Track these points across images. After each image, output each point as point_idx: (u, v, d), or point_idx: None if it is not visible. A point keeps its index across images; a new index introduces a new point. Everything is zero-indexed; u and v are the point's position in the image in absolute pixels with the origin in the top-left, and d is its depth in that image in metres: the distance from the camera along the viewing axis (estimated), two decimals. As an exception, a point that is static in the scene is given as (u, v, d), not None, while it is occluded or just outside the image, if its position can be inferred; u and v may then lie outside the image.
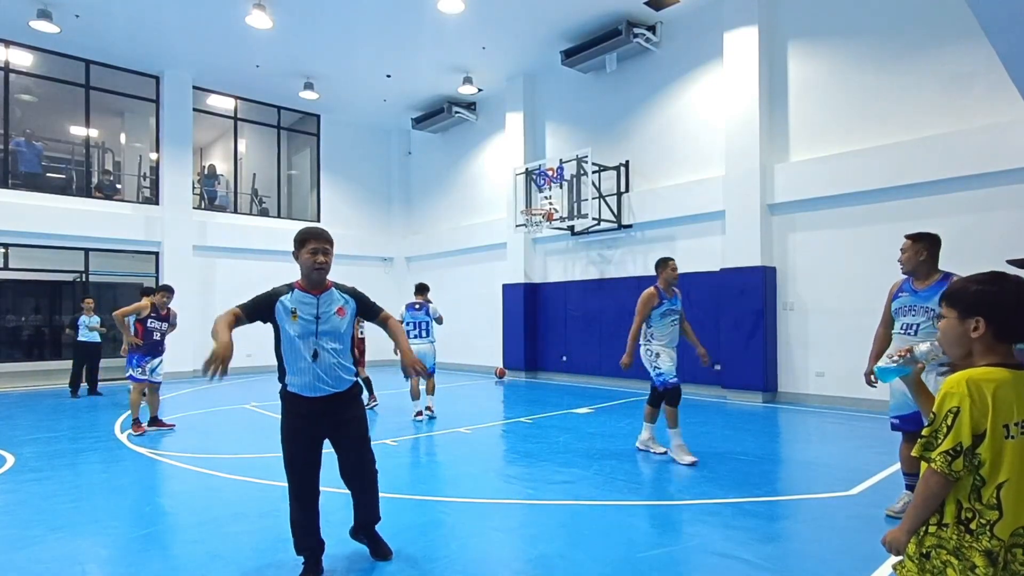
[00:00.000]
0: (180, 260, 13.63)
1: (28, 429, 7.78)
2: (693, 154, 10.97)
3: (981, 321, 1.74)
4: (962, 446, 1.64)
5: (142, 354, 7.50)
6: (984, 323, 1.73)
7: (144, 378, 7.51)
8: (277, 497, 4.84)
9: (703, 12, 10.67)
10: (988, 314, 1.73)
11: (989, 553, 1.64)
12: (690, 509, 4.50)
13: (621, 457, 6.08)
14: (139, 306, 7.55)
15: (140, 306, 7.55)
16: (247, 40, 11.89)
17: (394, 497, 4.73)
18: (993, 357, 1.74)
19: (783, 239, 9.72)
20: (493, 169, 15.09)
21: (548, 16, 11.04)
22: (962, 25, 7.77)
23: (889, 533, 1.81)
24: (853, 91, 9.04)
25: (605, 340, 12.16)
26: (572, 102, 13.10)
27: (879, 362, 2.10)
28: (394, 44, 12.16)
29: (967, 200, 7.95)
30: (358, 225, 17.23)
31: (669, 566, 3.49)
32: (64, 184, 13.70)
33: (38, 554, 3.68)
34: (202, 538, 3.96)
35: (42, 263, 13.05)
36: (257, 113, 15.70)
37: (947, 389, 1.70)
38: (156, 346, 7.65)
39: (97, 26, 11.45)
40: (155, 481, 5.46)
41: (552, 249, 13.49)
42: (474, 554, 3.69)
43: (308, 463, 3.36)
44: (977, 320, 1.74)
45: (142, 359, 7.51)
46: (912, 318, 4.09)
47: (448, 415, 8.87)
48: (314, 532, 3.37)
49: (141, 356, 7.50)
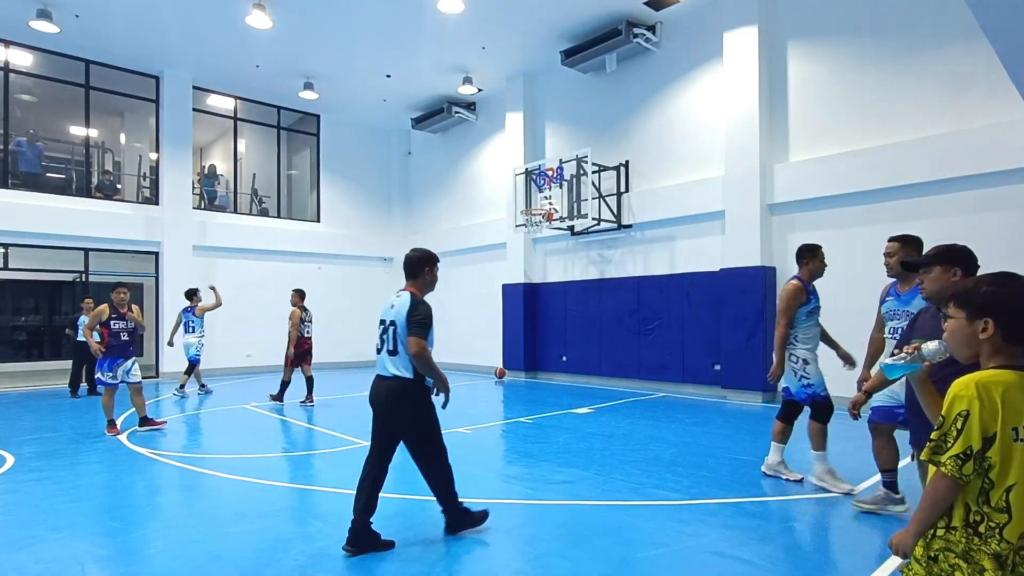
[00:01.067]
0: (180, 260, 13.63)
1: (28, 429, 7.77)
2: (693, 154, 10.97)
3: (990, 322, 1.73)
4: (972, 449, 1.63)
5: (112, 357, 7.31)
6: (993, 324, 1.72)
7: (113, 382, 7.32)
8: (277, 497, 4.84)
9: (703, 12, 10.67)
10: (998, 316, 1.72)
11: (998, 556, 1.63)
12: (690, 509, 4.50)
13: (621, 457, 6.07)
14: (99, 311, 7.36)
15: (100, 311, 7.35)
16: (247, 40, 11.89)
17: (394, 497, 4.74)
18: (1001, 359, 1.73)
19: (783, 239, 9.72)
20: (493, 169, 15.09)
21: (548, 16, 11.04)
22: (962, 25, 7.76)
23: (896, 536, 1.80)
24: (853, 91, 9.04)
25: (605, 340, 12.17)
26: (572, 102, 13.10)
27: (884, 358, 2.07)
28: (394, 44, 12.16)
29: (967, 200, 7.95)
30: (358, 225, 17.23)
31: (669, 566, 3.49)
32: (64, 184, 13.69)
33: (38, 554, 3.68)
34: (202, 538, 3.96)
35: (42, 263, 13.05)
36: (257, 113, 15.70)
37: (956, 392, 1.68)
38: (125, 347, 7.41)
39: (97, 26, 11.44)
40: (155, 481, 5.46)
41: (552, 249, 13.49)
42: (474, 554, 3.69)
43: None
44: (986, 321, 1.73)
45: (113, 363, 7.31)
46: (898, 322, 4.05)
47: (448, 415, 8.86)
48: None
49: (112, 360, 7.31)
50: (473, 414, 8.89)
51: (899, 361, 1.96)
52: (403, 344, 3.67)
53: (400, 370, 3.71)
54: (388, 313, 3.81)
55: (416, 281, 3.89)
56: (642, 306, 11.52)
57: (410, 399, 3.75)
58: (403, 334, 3.67)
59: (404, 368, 3.70)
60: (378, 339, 3.83)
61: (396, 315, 3.73)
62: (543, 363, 13.53)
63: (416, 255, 3.91)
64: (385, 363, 3.78)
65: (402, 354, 3.70)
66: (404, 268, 3.95)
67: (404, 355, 3.69)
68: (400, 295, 3.83)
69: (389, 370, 3.75)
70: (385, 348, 3.77)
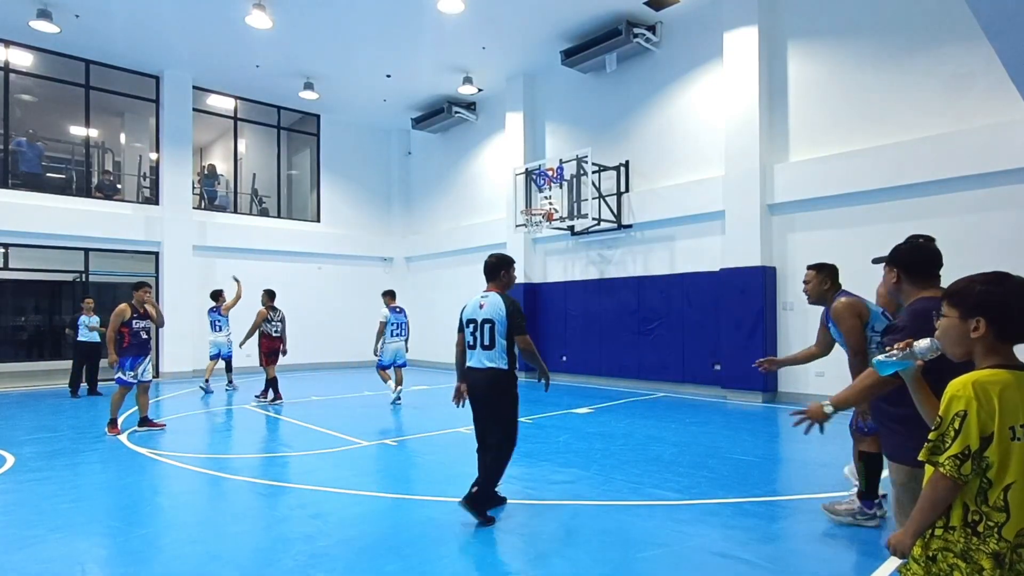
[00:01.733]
0: (180, 260, 13.63)
1: (28, 429, 7.78)
2: (693, 154, 10.97)
3: (982, 322, 1.72)
4: (970, 449, 1.62)
5: (134, 356, 7.35)
6: (985, 324, 1.72)
7: (133, 381, 7.36)
8: (277, 497, 4.84)
9: (703, 12, 10.68)
10: (989, 315, 1.71)
11: (996, 555, 1.63)
12: (690, 509, 4.50)
13: (621, 457, 6.07)
14: (120, 311, 7.34)
15: (121, 311, 7.34)
16: (247, 40, 11.89)
17: (394, 497, 4.74)
18: (996, 358, 1.72)
19: (783, 239, 9.72)
20: (493, 169, 15.09)
21: (548, 16, 11.04)
22: (962, 25, 7.76)
23: (894, 536, 1.80)
24: (853, 91, 9.04)
25: (605, 340, 12.17)
26: (572, 102, 13.10)
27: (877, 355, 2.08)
28: (394, 44, 12.16)
29: (967, 200, 7.95)
30: (358, 225, 17.23)
31: (669, 566, 3.49)
32: (64, 184, 13.69)
33: (38, 554, 3.68)
34: (202, 538, 3.96)
35: (42, 263, 13.05)
36: (257, 113, 15.70)
37: (953, 392, 1.68)
38: (145, 345, 7.49)
39: (97, 26, 11.44)
40: (155, 481, 5.45)
41: (552, 249, 13.49)
42: (474, 554, 3.69)
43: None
44: (978, 321, 1.73)
45: (135, 361, 7.35)
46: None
47: (448, 415, 8.88)
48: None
49: (134, 359, 7.35)
50: (473, 414, 8.90)
51: (891, 358, 1.97)
52: (501, 339, 4.14)
53: (497, 362, 4.17)
54: (478, 313, 4.24)
55: (497, 282, 4.37)
56: (642, 306, 11.52)
57: (504, 387, 4.20)
58: (502, 330, 4.14)
59: (500, 360, 4.17)
60: (469, 336, 4.26)
61: (490, 314, 4.19)
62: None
63: (495, 260, 4.39)
64: (481, 357, 4.20)
65: (498, 348, 4.16)
66: (485, 271, 4.40)
67: (501, 349, 4.16)
68: (487, 296, 4.28)
69: (485, 363, 4.18)
70: (480, 344, 4.21)
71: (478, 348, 4.21)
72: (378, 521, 4.26)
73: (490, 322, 4.18)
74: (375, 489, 5.03)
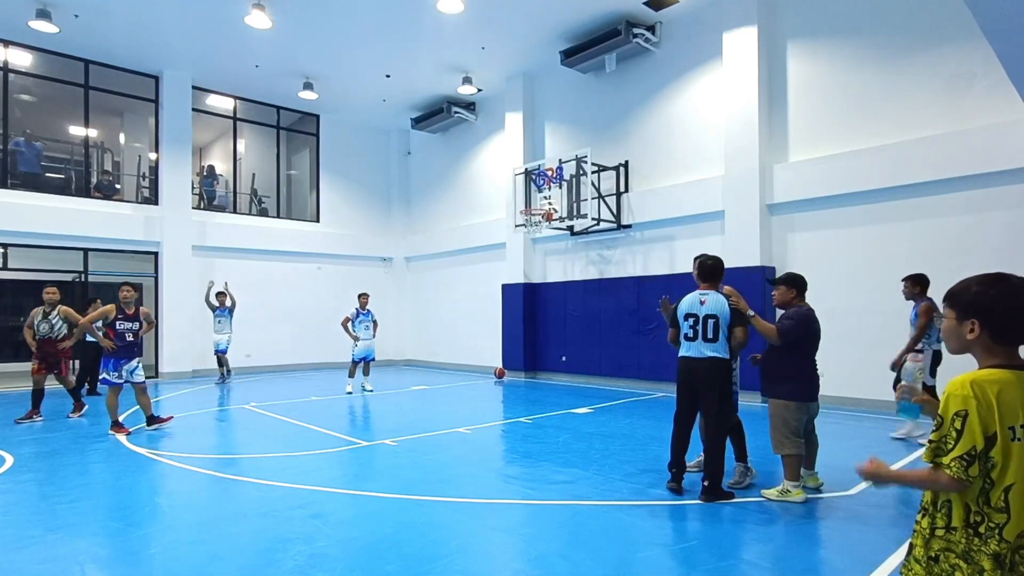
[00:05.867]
0: (179, 260, 13.62)
1: (28, 429, 7.78)
2: (693, 154, 10.97)
3: (976, 324, 1.71)
4: (976, 449, 1.61)
5: (117, 358, 7.36)
6: (979, 326, 1.71)
7: (119, 381, 7.37)
8: (277, 497, 4.84)
9: (703, 12, 10.68)
10: (984, 317, 1.70)
11: (997, 556, 1.62)
12: (690, 509, 4.50)
13: (621, 457, 6.08)
14: (105, 310, 7.38)
15: (106, 310, 7.38)
16: (246, 40, 11.89)
17: (395, 497, 4.74)
18: (995, 359, 1.71)
19: (782, 239, 9.72)
20: (493, 169, 15.09)
21: (548, 16, 11.04)
22: (962, 25, 7.77)
23: (871, 463, 1.83)
24: (853, 91, 9.04)
25: (605, 340, 12.17)
26: (571, 102, 13.10)
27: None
28: (394, 44, 12.15)
29: (966, 200, 7.95)
30: (357, 225, 17.22)
31: (669, 566, 3.49)
32: (63, 184, 13.68)
33: (38, 554, 3.68)
34: (202, 538, 3.96)
35: (42, 263, 13.03)
36: (256, 113, 15.69)
37: (950, 392, 1.67)
38: (130, 348, 7.47)
39: (96, 26, 11.43)
40: (155, 481, 5.45)
41: (551, 249, 13.49)
42: (474, 554, 3.69)
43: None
44: (973, 322, 1.72)
45: (118, 363, 7.37)
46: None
47: (448, 415, 8.88)
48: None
49: (117, 360, 7.36)
50: (473, 414, 8.90)
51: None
52: (724, 332, 4.66)
53: (719, 352, 4.68)
54: (700, 309, 4.75)
55: (715, 283, 4.86)
56: (642, 306, 11.51)
57: (724, 373, 4.72)
58: (724, 325, 4.66)
59: (722, 351, 4.68)
60: (690, 329, 4.75)
61: (713, 310, 4.70)
62: (543, 363, 13.53)
63: (714, 263, 4.92)
64: (702, 348, 4.71)
65: (721, 340, 4.67)
66: (703, 272, 4.91)
67: (723, 341, 4.67)
68: (707, 294, 4.79)
69: (706, 353, 4.68)
70: (701, 336, 4.70)
71: (699, 340, 4.70)
72: (378, 521, 4.26)
73: (714, 317, 4.67)
74: (375, 489, 5.03)
